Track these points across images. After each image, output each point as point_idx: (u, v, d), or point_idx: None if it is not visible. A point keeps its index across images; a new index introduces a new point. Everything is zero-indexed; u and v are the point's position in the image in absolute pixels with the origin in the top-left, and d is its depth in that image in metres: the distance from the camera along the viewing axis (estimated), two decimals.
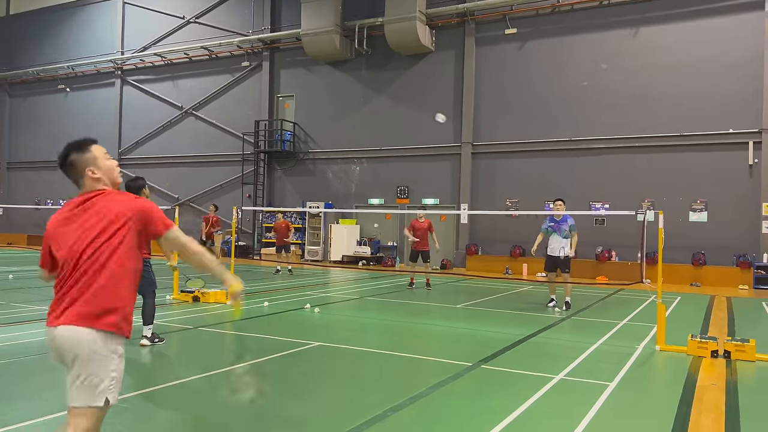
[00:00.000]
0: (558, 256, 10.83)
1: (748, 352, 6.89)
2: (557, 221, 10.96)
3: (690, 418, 4.70)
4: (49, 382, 5.33)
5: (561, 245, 10.83)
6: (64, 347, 2.65)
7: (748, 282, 16.59)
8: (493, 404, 4.94)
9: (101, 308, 2.67)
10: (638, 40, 18.79)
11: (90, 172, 2.92)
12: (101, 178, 2.95)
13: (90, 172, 2.92)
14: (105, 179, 2.96)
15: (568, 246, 10.86)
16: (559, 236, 10.87)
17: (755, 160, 17.10)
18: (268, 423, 4.40)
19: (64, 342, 2.65)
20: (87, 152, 2.95)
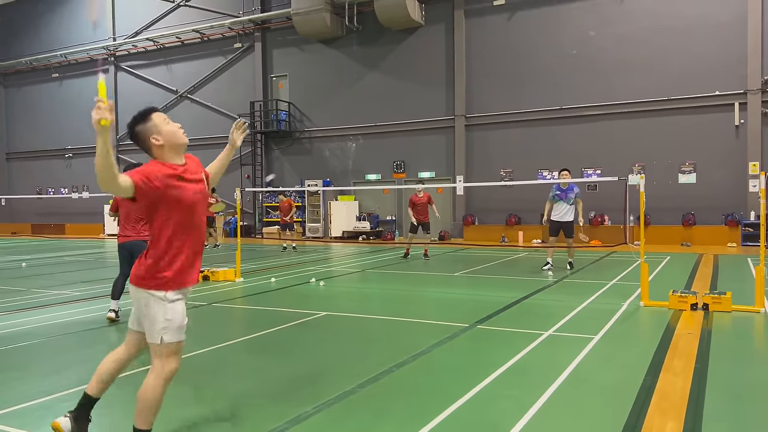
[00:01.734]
0: (564, 221, 11.59)
1: (725, 304, 7.43)
2: (563, 189, 11.70)
3: (664, 362, 5.24)
4: (77, 358, 5.85)
5: (567, 211, 11.59)
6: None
7: (736, 240, 17.15)
8: (488, 357, 5.47)
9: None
10: (624, 7, 19.05)
11: (154, 139, 3.29)
12: (164, 144, 3.30)
13: (154, 140, 3.29)
14: (167, 145, 3.31)
15: (572, 212, 11.62)
16: (566, 203, 11.70)
17: (741, 120, 17.53)
18: (287, 381, 4.92)
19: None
20: (149, 121, 3.31)
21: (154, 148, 3.31)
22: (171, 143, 3.33)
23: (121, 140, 29.18)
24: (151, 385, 3.25)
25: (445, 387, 4.63)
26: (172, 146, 3.34)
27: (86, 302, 9.02)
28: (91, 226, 29.39)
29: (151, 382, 3.26)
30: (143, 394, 3.27)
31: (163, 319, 3.25)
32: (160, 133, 3.30)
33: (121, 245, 7.32)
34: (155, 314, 3.26)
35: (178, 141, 3.36)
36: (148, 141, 3.30)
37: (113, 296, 7.45)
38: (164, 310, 3.26)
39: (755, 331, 6.59)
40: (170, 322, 3.27)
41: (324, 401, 4.32)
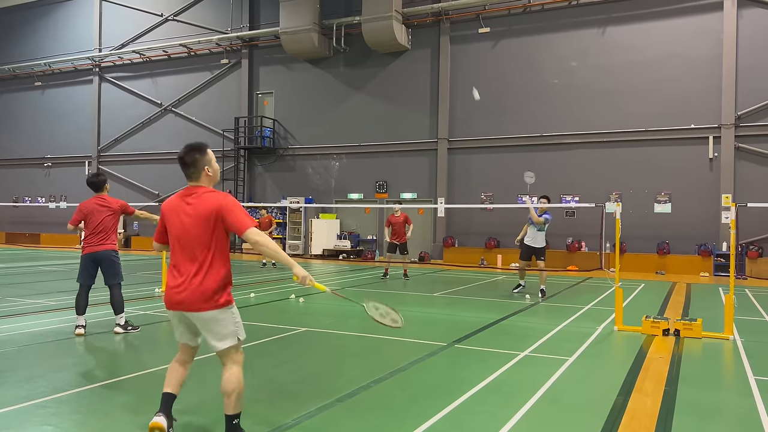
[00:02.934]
0: (535, 246, 11.71)
1: (695, 330, 7.63)
2: (540, 216, 11.80)
3: (635, 383, 5.38)
4: (52, 367, 5.82)
5: (537, 236, 11.71)
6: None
7: (708, 269, 17.53)
8: (465, 375, 5.57)
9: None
10: (605, 40, 19.60)
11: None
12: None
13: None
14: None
15: (543, 238, 11.75)
16: (536, 228, 11.72)
17: (715, 154, 18.03)
18: (265, 395, 4.95)
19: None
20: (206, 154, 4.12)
21: (206, 178, 4.13)
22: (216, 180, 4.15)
23: (103, 151, 28.99)
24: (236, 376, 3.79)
25: (422, 402, 4.71)
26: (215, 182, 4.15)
27: (60, 312, 8.94)
28: (66, 237, 28.98)
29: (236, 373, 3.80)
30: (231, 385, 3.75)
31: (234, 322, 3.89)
32: (213, 167, 4.14)
33: (90, 255, 7.28)
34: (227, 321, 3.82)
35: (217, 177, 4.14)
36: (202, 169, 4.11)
37: (79, 312, 7.33)
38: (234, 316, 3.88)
39: (723, 357, 6.78)
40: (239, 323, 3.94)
41: (302, 414, 4.38)
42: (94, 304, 9.02)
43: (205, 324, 3.73)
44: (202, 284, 3.69)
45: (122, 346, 6.87)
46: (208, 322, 3.71)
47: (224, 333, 3.74)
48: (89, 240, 7.29)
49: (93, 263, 7.32)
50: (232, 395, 3.71)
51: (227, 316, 3.76)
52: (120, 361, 6.32)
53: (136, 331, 7.50)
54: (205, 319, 3.71)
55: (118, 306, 7.41)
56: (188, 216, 3.77)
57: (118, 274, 7.44)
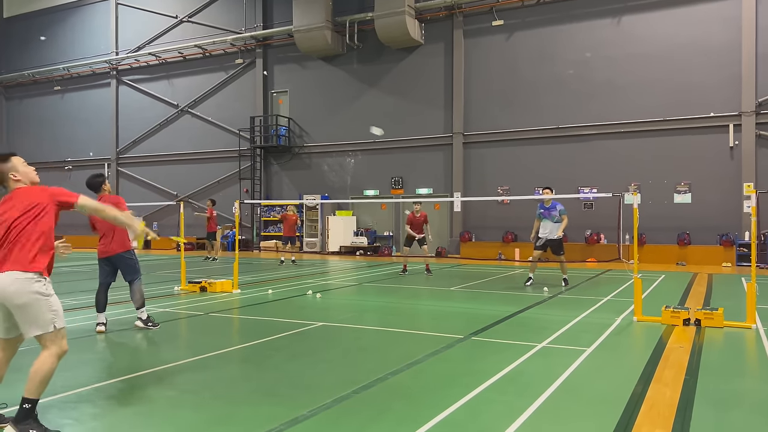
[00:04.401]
0: (550, 238, 11.64)
1: (716, 320, 7.52)
2: (547, 207, 11.74)
3: (654, 373, 5.32)
4: (71, 364, 5.91)
5: (552, 229, 11.62)
6: None
7: (731, 259, 17.27)
8: (482, 367, 5.55)
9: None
10: (621, 29, 19.36)
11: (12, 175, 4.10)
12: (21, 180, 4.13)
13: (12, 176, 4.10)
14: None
15: (557, 229, 11.62)
16: (550, 221, 11.69)
17: (736, 142, 17.74)
18: (282, 386, 4.99)
19: None
20: (8, 162, 4.14)
21: (11, 183, 4.24)
22: (30, 180, 4.26)
23: (121, 153, 29.36)
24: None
25: (439, 393, 4.71)
26: (30, 182, 4.26)
27: (81, 311, 9.08)
28: (87, 238, 29.30)
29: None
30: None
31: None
32: (19, 171, 4.24)
33: (106, 259, 7.46)
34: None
35: (34, 179, 4.29)
36: (6, 177, 4.24)
37: (98, 309, 7.50)
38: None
39: (746, 346, 6.68)
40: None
41: (319, 405, 4.40)
42: (114, 303, 9.15)
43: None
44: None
45: (141, 343, 6.96)
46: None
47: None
48: (101, 242, 7.52)
49: (108, 264, 7.49)
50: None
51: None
52: (139, 358, 6.40)
53: (156, 328, 7.59)
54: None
55: (138, 301, 7.53)
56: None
57: (136, 270, 7.57)
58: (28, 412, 3.75)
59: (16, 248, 3.86)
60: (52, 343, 3.85)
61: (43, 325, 3.81)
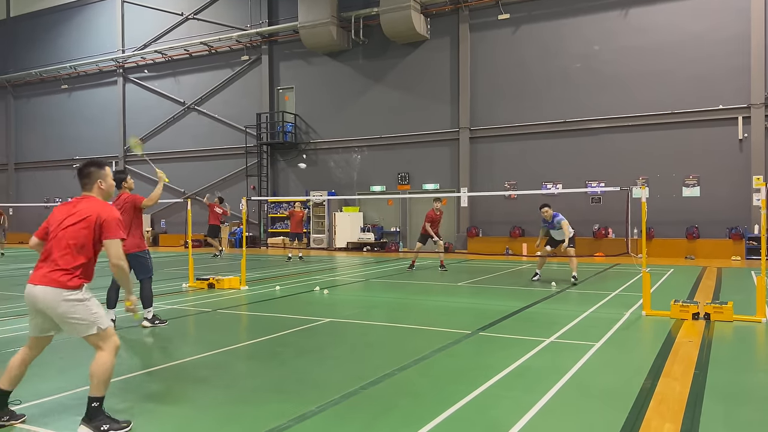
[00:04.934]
0: (560, 239, 11.67)
1: (726, 314, 7.47)
2: (549, 222, 11.75)
3: (663, 368, 5.29)
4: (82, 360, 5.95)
5: (559, 235, 11.66)
6: None
7: (740, 253, 17.16)
8: (489, 362, 5.54)
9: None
10: (628, 21, 19.23)
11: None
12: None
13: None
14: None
15: (562, 233, 11.68)
16: (557, 229, 11.69)
17: (745, 134, 17.60)
18: (290, 382, 4.99)
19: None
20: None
21: (98, 190, 4.24)
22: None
23: (128, 152, 29.47)
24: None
25: (447, 389, 4.70)
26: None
27: None
28: None
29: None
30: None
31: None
32: (107, 182, 4.27)
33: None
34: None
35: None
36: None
37: (109, 305, 7.50)
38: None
39: (756, 340, 6.63)
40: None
41: (327, 401, 4.40)
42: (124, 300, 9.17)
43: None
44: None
45: (150, 340, 6.98)
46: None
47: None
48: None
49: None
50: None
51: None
52: (147, 355, 6.43)
53: (163, 324, 7.62)
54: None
55: (147, 300, 7.54)
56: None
57: (148, 269, 7.59)
58: (97, 410, 3.83)
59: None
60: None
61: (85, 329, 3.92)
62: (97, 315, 3.91)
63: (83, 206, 4.04)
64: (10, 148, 33.84)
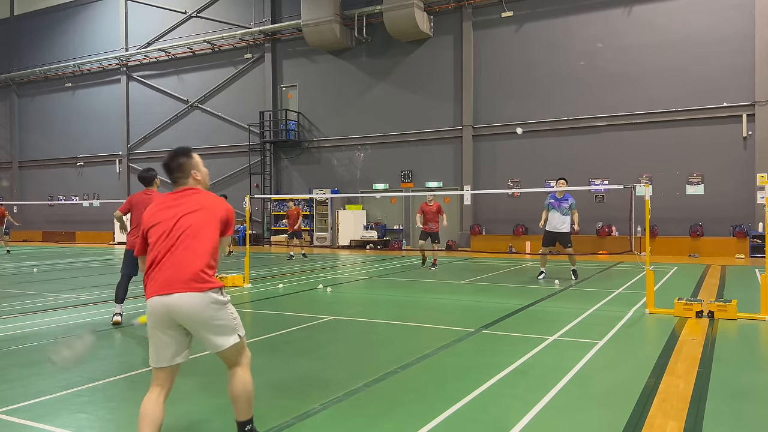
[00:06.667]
0: (557, 231, 11.48)
1: (730, 312, 7.45)
2: (558, 199, 11.56)
3: (667, 366, 5.29)
4: (86, 358, 5.97)
5: (560, 222, 11.47)
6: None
7: (744, 251, 17.11)
8: (493, 360, 5.54)
9: None
10: (632, 19, 19.17)
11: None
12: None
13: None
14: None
15: (568, 223, 11.49)
16: (559, 213, 11.52)
17: (749, 132, 17.54)
18: (293, 380, 5.00)
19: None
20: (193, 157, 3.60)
21: (194, 182, 3.59)
22: (206, 184, 3.66)
23: (132, 148, 29.51)
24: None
25: (450, 386, 4.71)
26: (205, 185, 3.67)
27: (95, 306, 9.16)
28: (101, 234, 29.64)
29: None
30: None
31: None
32: (201, 171, 3.61)
33: (131, 251, 7.45)
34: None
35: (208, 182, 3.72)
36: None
37: (117, 300, 7.56)
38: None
39: (760, 338, 6.62)
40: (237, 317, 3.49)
41: (330, 399, 4.41)
42: (131, 297, 9.20)
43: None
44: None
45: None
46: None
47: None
48: (132, 233, 7.48)
49: (137, 260, 7.48)
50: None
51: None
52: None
53: None
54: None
55: None
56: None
57: None
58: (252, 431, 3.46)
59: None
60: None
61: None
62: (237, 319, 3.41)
63: (199, 199, 3.46)
64: (14, 147, 33.94)
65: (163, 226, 3.32)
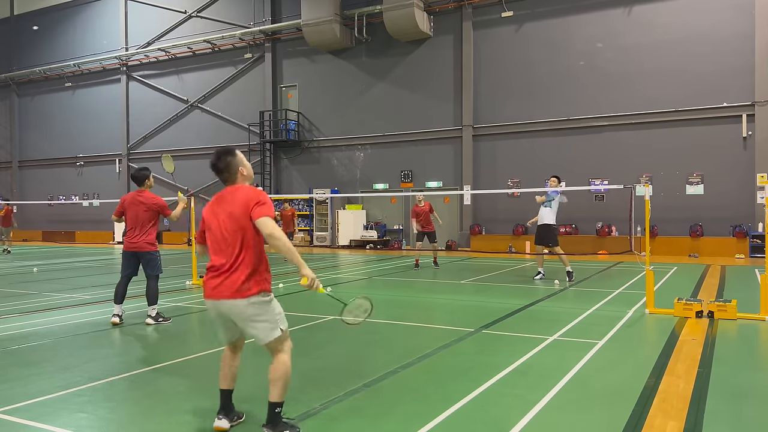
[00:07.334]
0: (541, 223, 11.58)
1: (730, 312, 7.45)
2: (548, 195, 11.68)
3: (667, 366, 5.29)
4: (86, 357, 5.97)
5: (544, 214, 11.58)
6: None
7: (744, 251, 17.11)
8: (493, 360, 5.54)
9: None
10: (632, 19, 19.16)
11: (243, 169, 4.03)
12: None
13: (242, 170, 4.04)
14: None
15: (550, 215, 11.58)
16: (549, 208, 11.60)
17: (749, 132, 17.54)
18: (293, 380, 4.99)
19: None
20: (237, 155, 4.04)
21: (241, 178, 4.04)
22: (251, 176, 4.12)
23: (132, 148, 29.50)
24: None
25: (450, 386, 4.71)
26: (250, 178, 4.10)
27: (94, 305, 9.15)
28: (100, 233, 29.64)
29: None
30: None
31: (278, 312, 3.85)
32: (245, 166, 4.05)
33: (132, 253, 7.47)
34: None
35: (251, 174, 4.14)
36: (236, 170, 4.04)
37: (116, 300, 7.56)
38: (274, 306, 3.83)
39: (760, 338, 6.62)
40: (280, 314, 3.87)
41: (330, 399, 4.41)
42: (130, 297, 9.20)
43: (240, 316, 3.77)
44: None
45: (154, 337, 7.00)
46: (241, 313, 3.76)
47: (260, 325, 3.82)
48: (128, 235, 7.53)
49: (134, 257, 7.52)
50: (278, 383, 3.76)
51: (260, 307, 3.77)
52: (152, 352, 6.44)
53: (167, 322, 7.64)
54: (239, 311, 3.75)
55: (152, 297, 7.57)
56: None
57: (159, 267, 7.64)
58: (279, 416, 3.75)
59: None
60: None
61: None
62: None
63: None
64: (13, 146, 33.94)
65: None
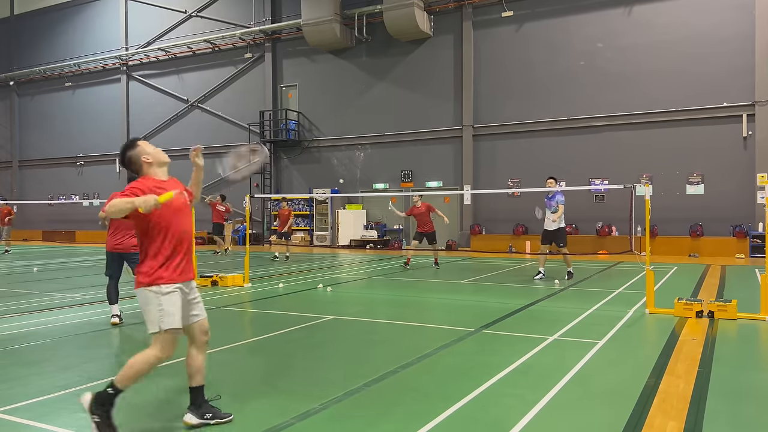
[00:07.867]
0: (549, 229, 11.59)
1: (730, 312, 7.45)
2: (548, 197, 11.69)
3: (667, 366, 5.28)
4: (86, 357, 5.97)
5: (550, 219, 11.57)
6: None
7: (744, 251, 17.11)
8: (493, 360, 5.54)
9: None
10: (632, 19, 19.16)
11: (144, 158, 3.97)
12: (152, 162, 4.00)
13: (145, 159, 3.97)
14: (155, 162, 4.04)
15: (559, 220, 11.56)
16: (549, 211, 11.62)
17: (749, 132, 17.54)
18: (294, 380, 5.00)
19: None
20: (137, 147, 4.01)
21: (145, 166, 3.98)
22: (158, 160, 4.03)
23: None
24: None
25: (450, 386, 4.71)
26: (159, 163, 4.03)
27: (94, 305, 9.15)
28: (101, 233, 29.60)
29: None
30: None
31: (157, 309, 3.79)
32: (149, 153, 3.99)
33: (117, 254, 7.41)
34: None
35: (162, 159, 4.08)
36: (139, 161, 3.96)
37: (111, 302, 7.53)
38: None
39: (760, 338, 6.62)
40: (163, 311, 3.79)
41: (330, 399, 4.41)
42: (126, 297, 9.21)
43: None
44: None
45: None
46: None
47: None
48: (112, 235, 7.36)
49: (119, 259, 7.46)
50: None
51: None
52: None
53: None
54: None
55: None
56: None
57: None
58: (112, 396, 3.83)
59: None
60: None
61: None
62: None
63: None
64: (14, 146, 33.94)
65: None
